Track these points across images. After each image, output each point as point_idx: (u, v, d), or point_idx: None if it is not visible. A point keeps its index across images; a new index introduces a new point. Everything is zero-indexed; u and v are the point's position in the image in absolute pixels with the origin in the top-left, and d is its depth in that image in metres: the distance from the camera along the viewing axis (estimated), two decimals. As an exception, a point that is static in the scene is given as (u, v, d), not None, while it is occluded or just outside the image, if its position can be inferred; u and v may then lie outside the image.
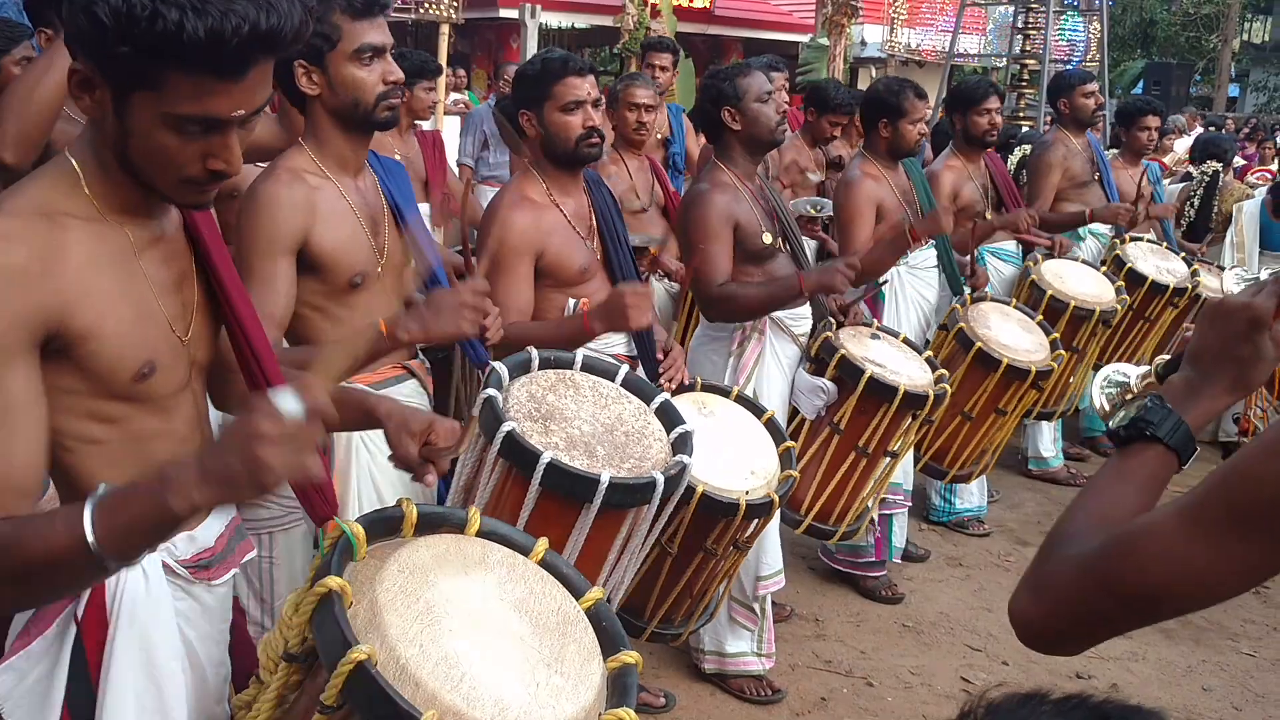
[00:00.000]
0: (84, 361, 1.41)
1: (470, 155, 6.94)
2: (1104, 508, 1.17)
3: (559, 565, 1.60)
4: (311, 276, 2.28)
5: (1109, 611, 1.11)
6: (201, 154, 1.38)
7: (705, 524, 2.65)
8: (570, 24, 17.59)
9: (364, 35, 2.19)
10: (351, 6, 2.15)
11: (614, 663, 1.47)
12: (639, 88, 4.50)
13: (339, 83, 2.21)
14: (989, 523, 4.93)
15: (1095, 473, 1.24)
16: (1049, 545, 1.18)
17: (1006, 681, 3.65)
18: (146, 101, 1.33)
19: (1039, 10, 12.53)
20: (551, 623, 1.47)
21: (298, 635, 1.36)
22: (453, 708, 1.26)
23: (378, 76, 2.22)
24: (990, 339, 3.96)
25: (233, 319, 1.64)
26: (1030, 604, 1.16)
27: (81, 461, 1.47)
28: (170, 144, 1.36)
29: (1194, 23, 30.62)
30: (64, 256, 1.38)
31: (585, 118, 2.81)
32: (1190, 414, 1.20)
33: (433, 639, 1.31)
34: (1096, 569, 1.10)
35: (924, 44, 19.08)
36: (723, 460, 2.69)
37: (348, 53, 2.19)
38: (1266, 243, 6.06)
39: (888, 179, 4.08)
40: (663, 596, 2.79)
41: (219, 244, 1.63)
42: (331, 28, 2.14)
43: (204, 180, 1.41)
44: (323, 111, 2.26)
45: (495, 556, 1.53)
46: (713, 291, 3.22)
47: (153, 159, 1.38)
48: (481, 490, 2.17)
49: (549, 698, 1.34)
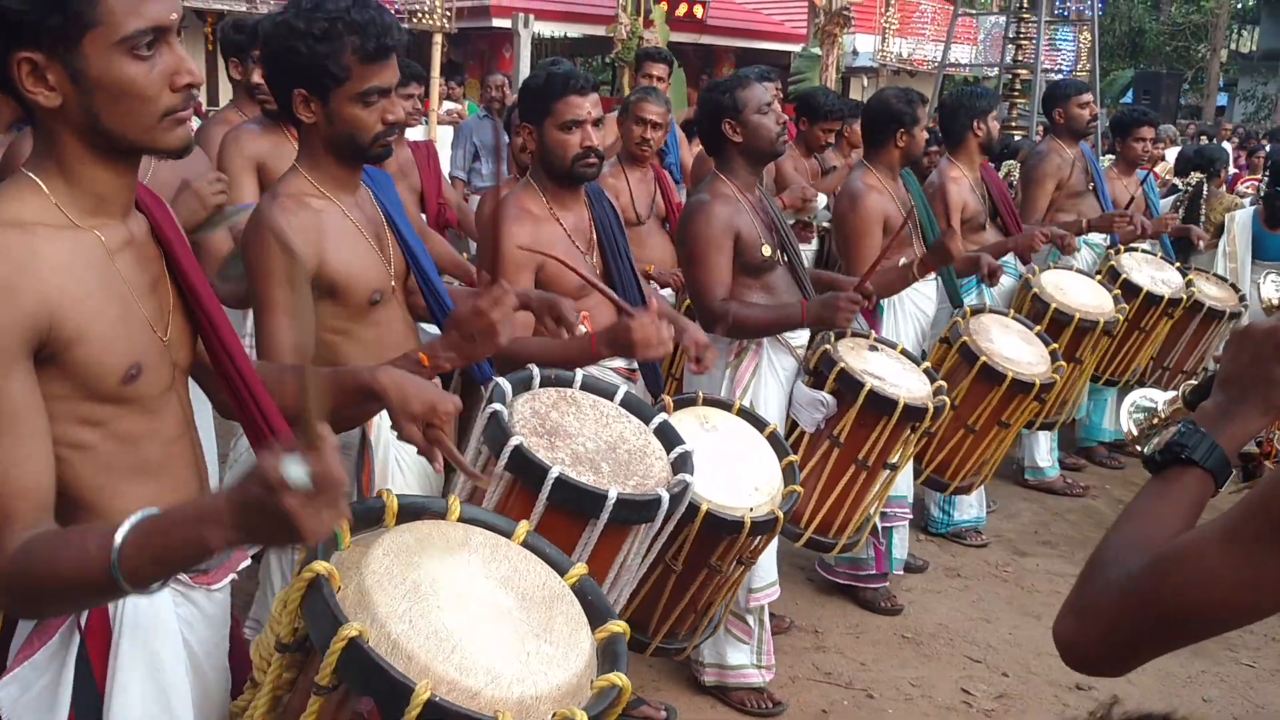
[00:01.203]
0: (72, 366, 1.42)
1: (462, 168, 6.90)
2: (1144, 531, 1.18)
3: (541, 545, 1.62)
4: (329, 300, 2.24)
5: (1151, 632, 1.12)
6: (165, 76, 1.42)
7: (710, 542, 2.64)
8: (563, 33, 17.61)
9: (372, 79, 2.14)
10: (363, 49, 2.11)
11: (602, 632, 1.49)
12: (651, 103, 4.51)
13: (338, 118, 2.17)
14: (986, 533, 4.93)
15: (1132, 499, 1.25)
16: (1090, 570, 1.20)
17: (1007, 693, 3.65)
18: (96, 41, 1.37)
19: (1030, 20, 12.60)
20: (538, 596, 1.49)
21: (289, 625, 1.38)
22: (445, 677, 1.28)
23: (377, 117, 2.18)
24: (994, 352, 3.95)
25: (206, 323, 1.65)
26: (1074, 628, 1.18)
27: (72, 468, 1.47)
28: (134, 74, 1.40)
29: (1182, 32, 30.82)
30: (42, 263, 1.39)
31: (584, 137, 2.80)
32: (1224, 437, 1.21)
33: (422, 615, 1.34)
34: (1138, 590, 1.11)
35: (915, 53, 19.18)
36: (726, 477, 2.69)
37: (352, 94, 2.15)
38: (1259, 252, 6.08)
39: (889, 190, 4.08)
40: (667, 613, 2.78)
41: (185, 248, 1.64)
42: (341, 67, 2.10)
43: (178, 106, 1.45)
44: (318, 139, 2.23)
45: (478, 539, 1.56)
46: (714, 306, 3.21)
47: (124, 102, 1.41)
48: (486, 503, 2.16)
49: (540, 665, 1.36)
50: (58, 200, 1.45)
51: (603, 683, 1.40)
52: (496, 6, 16.53)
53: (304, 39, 2.08)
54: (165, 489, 1.55)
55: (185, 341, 1.64)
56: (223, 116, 4.10)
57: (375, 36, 2.10)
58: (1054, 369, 4.04)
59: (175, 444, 1.60)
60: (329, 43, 2.08)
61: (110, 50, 1.38)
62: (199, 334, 1.66)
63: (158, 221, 1.60)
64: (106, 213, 1.50)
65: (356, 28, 2.08)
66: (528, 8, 15.28)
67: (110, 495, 1.49)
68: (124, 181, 1.51)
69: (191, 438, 1.66)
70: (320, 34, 2.07)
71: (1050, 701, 3.63)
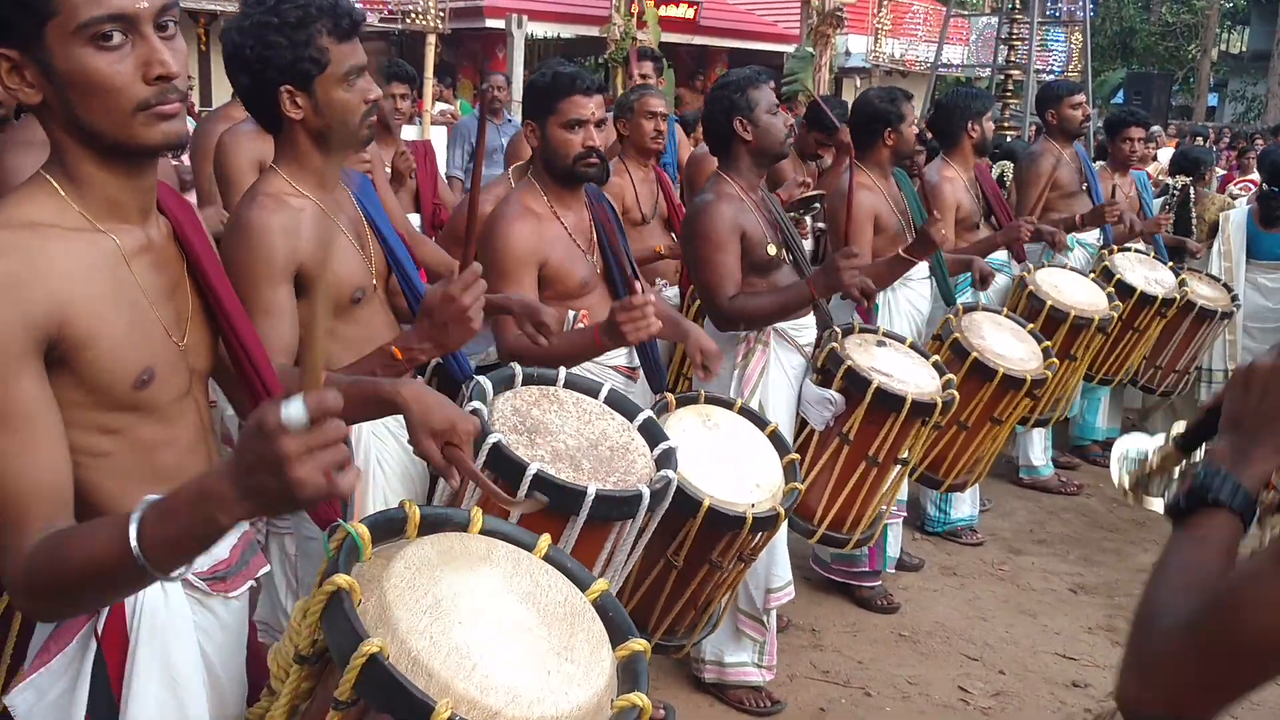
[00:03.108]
0: (83, 370, 1.41)
1: (459, 167, 6.91)
2: (1188, 576, 1.14)
3: (563, 560, 1.61)
4: (310, 299, 2.21)
5: (1224, 672, 1.07)
6: (137, 67, 1.37)
7: (711, 538, 2.66)
8: (556, 34, 17.59)
9: (350, 57, 2.15)
10: (338, 29, 2.11)
11: (623, 651, 1.48)
12: (654, 97, 4.54)
13: (326, 106, 2.16)
14: (981, 532, 4.95)
15: (1163, 552, 1.21)
16: (1141, 625, 1.15)
17: (1003, 691, 3.67)
18: (56, 32, 1.33)
19: (1022, 21, 12.63)
20: (559, 613, 1.48)
21: (308, 637, 1.37)
22: (466, 696, 1.26)
23: (359, 97, 2.18)
24: (985, 349, 3.98)
25: (227, 326, 1.64)
26: (1141, 687, 1.12)
27: (89, 475, 1.46)
28: (98, 64, 1.35)
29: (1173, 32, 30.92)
30: (53, 265, 1.38)
31: (586, 137, 2.81)
32: (1244, 477, 1.19)
33: (443, 631, 1.32)
34: (1202, 630, 1.07)
35: (908, 54, 19.22)
36: (728, 474, 2.70)
37: (336, 76, 2.14)
38: (1253, 252, 6.11)
39: (881, 189, 4.10)
40: (666, 609, 2.79)
41: (209, 252, 1.62)
42: (320, 51, 2.10)
43: (155, 99, 1.39)
44: (304, 134, 2.21)
45: (500, 552, 1.54)
46: (724, 305, 3.22)
47: (93, 95, 1.37)
48: (467, 502, 2.16)
49: (561, 685, 1.35)
50: (72, 202, 1.44)
51: (623, 703, 1.39)
52: (490, 7, 16.50)
53: (280, 31, 2.07)
54: None
55: (205, 346, 1.63)
56: (225, 113, 4.05)
57: (346, 14, 2.11)
58: (1046, 365, 4.06)
59: (193, 452, 1.58)
60: (305, 29, 2.08)
61: (70, 40, 1.34)
62: (220, 338, 1.65)
63: (180, 224, 1.58)
64: (122, 216, 1.48)
65: (326, 9, 2.08)
66: (521, 8, 15.27)
67: (128, 503, 1.46)
68: (134, 184, 1.48)
69: (210, 445, 1.65)
70: (296, 22, 2.07)
71: (1047, 699, 3.65)
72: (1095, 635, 4.10)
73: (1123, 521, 5.17)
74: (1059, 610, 4.30)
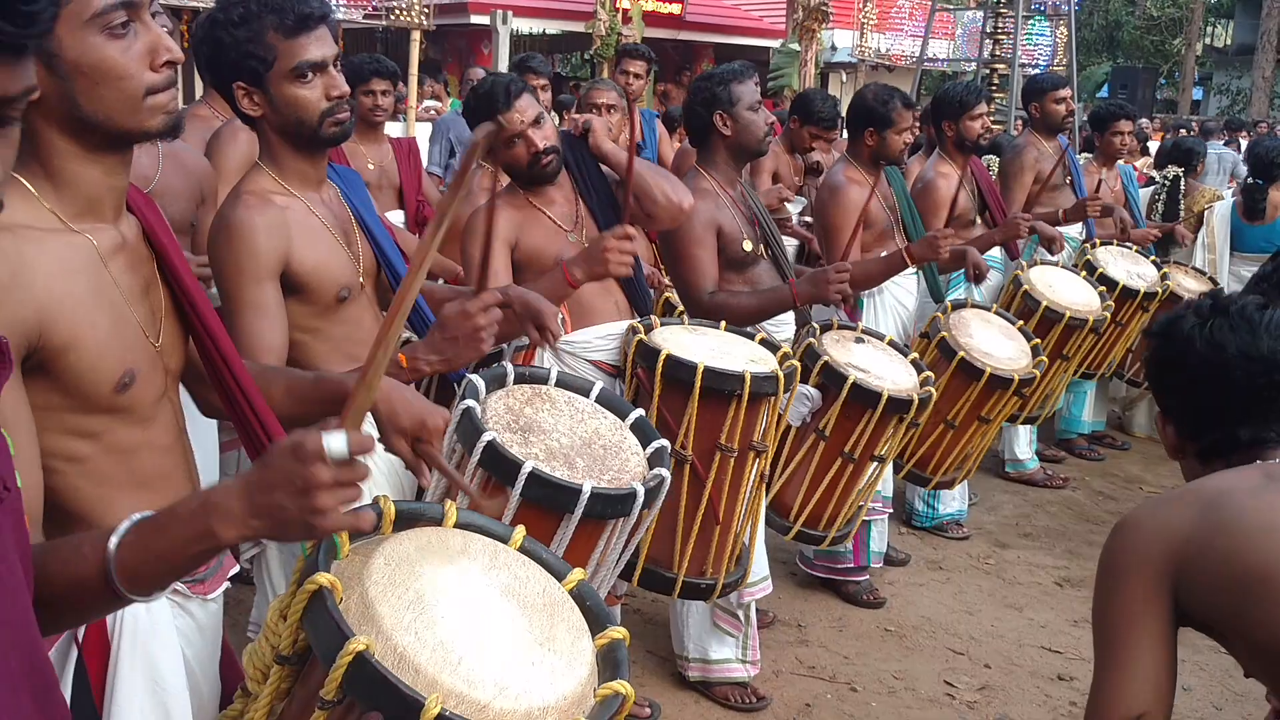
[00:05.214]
0: (64, 374, 1.39)
1: (439, 164, 6.86)
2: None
3: (539, 551, 1.62)
4: (297, 299, 2.20)
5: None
6: (144, 54, 1.40)
7: (715, 412, 2.72)
8: (541, 30, 17.58)
9: (301, 53, 2.10)
10: (283, 25, 2.07)
11: (602, 639, 1.49)
12: (602, 89, 4.62)
13: (280, 103, 2.13)
14: (968, 526, 4.95)
15: None
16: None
17: (989, 685, 3.67)
18: (68, 22, 1.33)
19: (1008, 15, 12.66)
20: (539, 604, 1.48)
21: (289, 637, 1.36)
22: (454, 690, 1.27)
23: (320, 93, 2.13)
24: (972, 348, 3.96)
25: (199, 324, 1.62)
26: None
27: (65, 481, 1.44)
28: (112, 52, 1.37)
29: (1158, 26, 31.02)
30: (33, 268, 1.35)
31: (529, 146, 2.85)
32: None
33: (427, 626, 1.32)
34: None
35: (894, 49, 19.25)
36: (721, 356, 2.80)
37: (285, 72, 2.10)
38: (1238, 244, 6.13)
39: (870, 185, 4.08)
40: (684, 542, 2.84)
41: (177, 250, 1.61)
42: (266, 48, 2.07)
43: (161, 84, 1.42)
44: (271, 131, 2.19)
45: (476, 545, 1.55)
46: (704, 300, 3.22)
47: (104, 84, 1.38)
48: (460, 500, 2.16)
49: (546, 675, 1.36)
50: (46, 202, 1.42)
51: (606, 691, 1.40)
52: (475, 3, 16.45)
53: (225, 28, 2.07)
54: (160, 500, 1.49)
55: (177, 346, 1.61)
56: (193, 112, 4.03)
57: (292, 9, 2.07)
58: (1034, 364, 4.05)
59: (168, 454, 1.57)
60: (248, 26, 2.06)
61: (83, 30, 1.35)
62: (191, 337, 1.64)
63: (149, 223, 1.57)
64: (97, 215, 1.47)
65: (273, 5, 2.06)
66: (506, 4, 15.25)
67: (106, 507, 1.46)
68: (113, 181, 1.47)
69: (184, 446, 1.64)
70: (239, 19, 2.06)
71: (1032, 693, 3.65)
72: (1081, 628, 4.10)
73: (1109, 515, 5.17)
74: (1045, 604, 4.30)
